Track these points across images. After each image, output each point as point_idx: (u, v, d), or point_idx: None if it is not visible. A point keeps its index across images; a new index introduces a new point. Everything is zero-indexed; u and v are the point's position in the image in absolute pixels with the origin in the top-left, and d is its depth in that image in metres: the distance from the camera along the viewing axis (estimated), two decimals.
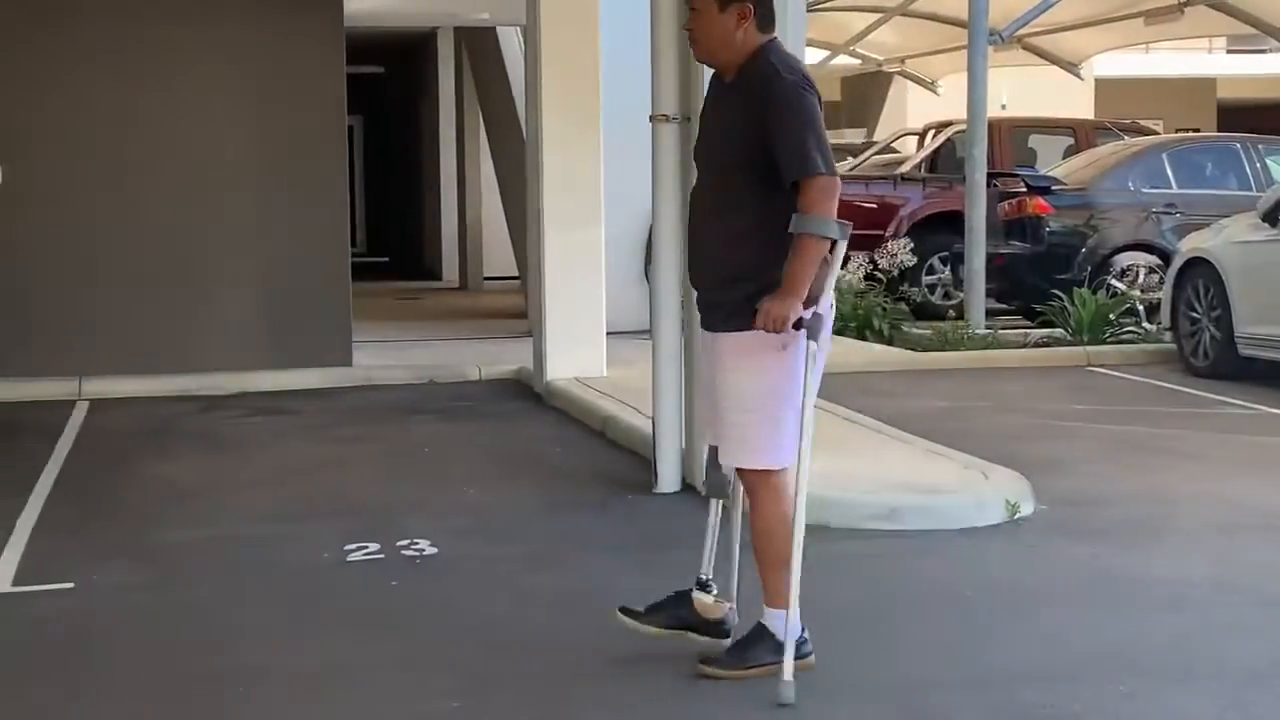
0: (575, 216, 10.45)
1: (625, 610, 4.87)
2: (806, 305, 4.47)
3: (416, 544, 6.50)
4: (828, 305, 4.61)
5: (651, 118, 7.46)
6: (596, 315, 10.62)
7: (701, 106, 4.94)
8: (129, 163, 11.13)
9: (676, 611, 4.88)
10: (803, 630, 4.76)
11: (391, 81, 23.28)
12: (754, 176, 4.53)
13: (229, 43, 11.30)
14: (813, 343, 4.52)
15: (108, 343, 10.98)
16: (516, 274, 15.38)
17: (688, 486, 7.46)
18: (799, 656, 4.66)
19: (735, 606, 4.93)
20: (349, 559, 6.31)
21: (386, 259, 23.01)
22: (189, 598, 5.84)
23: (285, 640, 5.27)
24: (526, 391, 10.82)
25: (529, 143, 11.08)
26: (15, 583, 6.05)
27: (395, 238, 23.50)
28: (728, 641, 4.85)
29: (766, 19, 4.66)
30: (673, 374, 7.52)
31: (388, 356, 11.88)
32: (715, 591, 4.91)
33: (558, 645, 5.16)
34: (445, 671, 4.91)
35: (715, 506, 4.94)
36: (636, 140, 10.10)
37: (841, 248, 4.54)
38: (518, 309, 14.60)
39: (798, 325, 4.47)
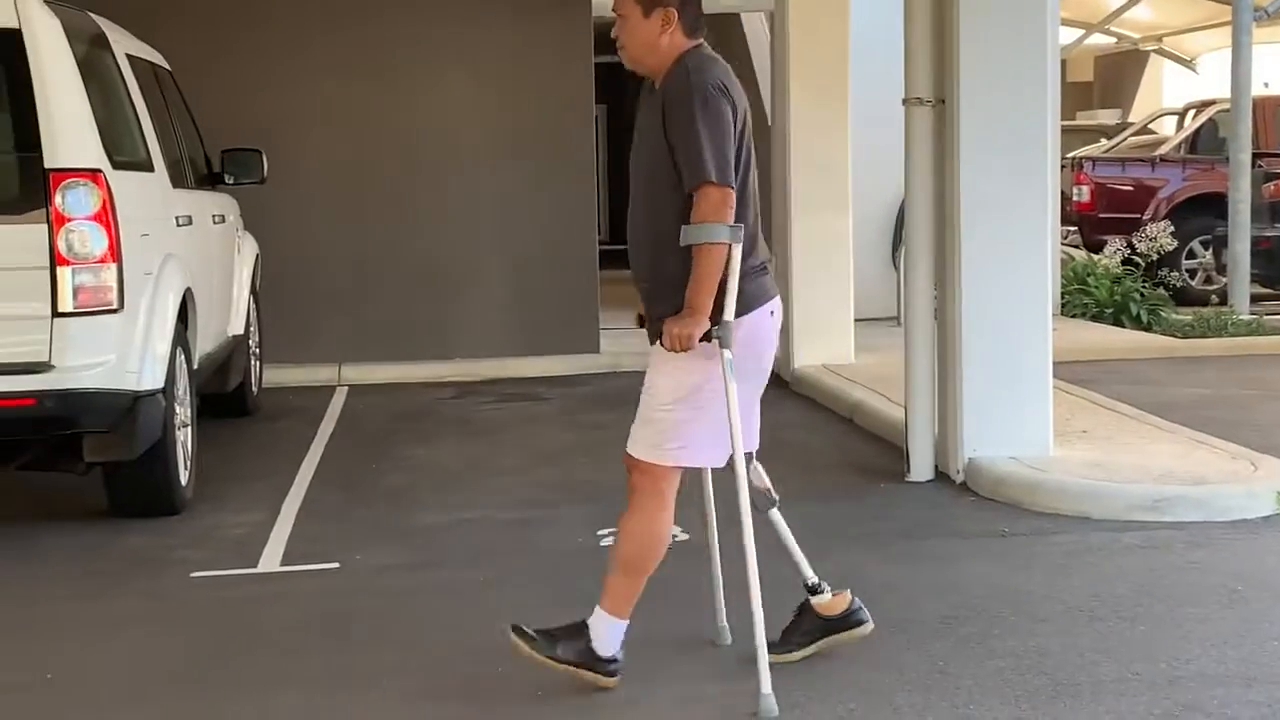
0: (823, 201, 10.37)
1: (773, 647, 4.63)
2: (715, 314, 4.36)
3: None
4: (766, 312, 4.50)
5: (905, 101, 7.35)
6: (844, 301, 10.53)
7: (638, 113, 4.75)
8: (384, 158, 11.42)
9: (805, 627, 4.83)
10: (618, 650, 4.61)
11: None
12: (676, 184, 4.41)
13: (482, 40, 11.51)
14: (727, 351, 4.37)
15: (364, 330, 11.30)
16: None
17: (941, 475, 7.35)
18: (596, 671, 4.57)
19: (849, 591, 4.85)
20: (602, 543, 6.36)
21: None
22: (448, 579, 5.96)
23: (543, 623, 5.31)
24: (773, 378, 10.73)
25: (775, 128, 11.03)
26: (284, 562, 6.26)
27: None
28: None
29: (693, 24, 4.53)
30: (926, 361, 7.41)
31: (634, 343, 11.87)
32: (827, 588, 4.81)
33: None
34: (705, 657, 4.91)
35: (777, 517, 4.83)
36: (884, 123, 10.00)
37: (737, 252, 4.36)
38: None
39: (707, 338, 4.36)
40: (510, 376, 11.07)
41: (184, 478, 7.07)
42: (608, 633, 4.60)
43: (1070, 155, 16.79)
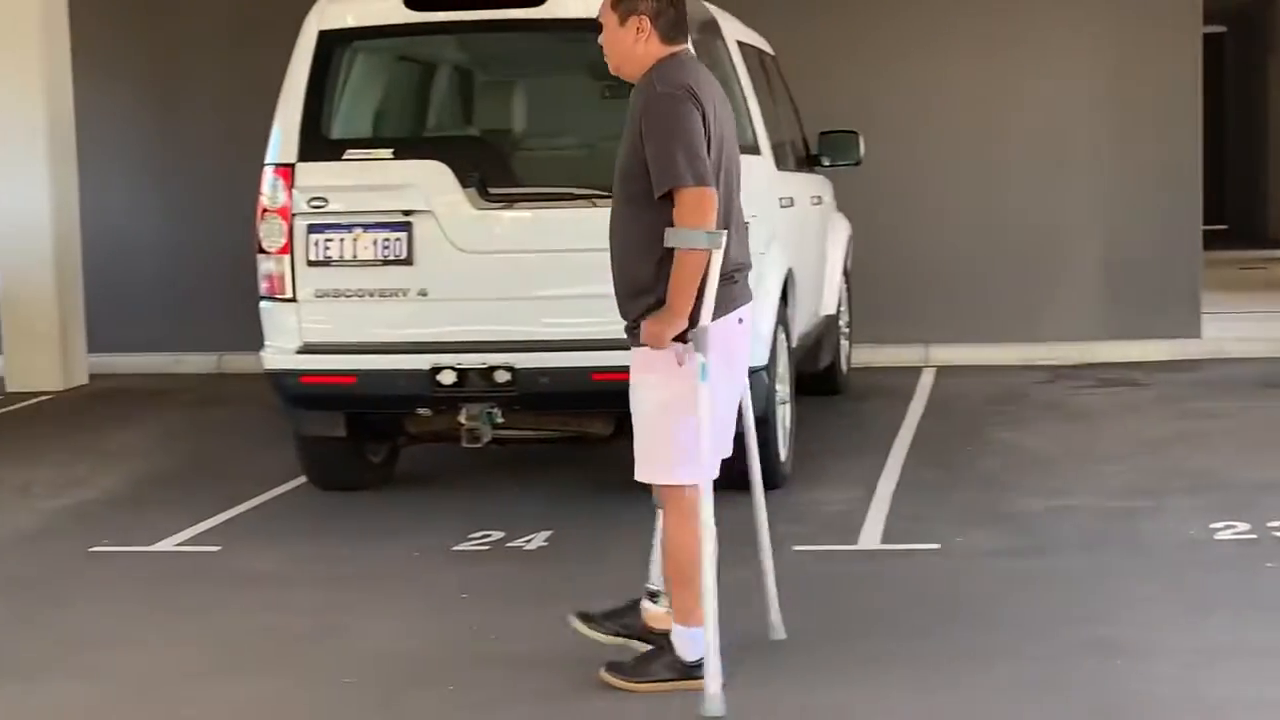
0: None
1: (581, 615, 4.78)
2: (693, 319, 4.38)
3: None
4: (734, 319, 4.51)
5: None
6: None
7: None
8: (976, 138, 11.27)
9: (624, 620, 4.76)
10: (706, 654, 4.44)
11: (1233, 39, 22.19)
12: (646, 190, 4.42)
13: (1085, 18, 11.18)
14: (700, 355, 4.36)
15: (953, 310, 11.20)
16: None
17: None
18: (691, 677, 4.47)
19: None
20: (1216, 537, 6.07)
21: (1224, 226, 21.98)
22: (1056, 566, 5.81)
23: (1159, 617, 5.11)
24: None
25: None
26: (883, 540, 6.28)
27: (1233, 203, 22.40)
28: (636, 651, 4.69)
29: (672, 31, 4.53)
30: None
31: (1239, 328, 11.28)
32: (666, 605, 4.66)
33: None
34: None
35: (660, 517, 4.71)
36: None
37: (717, 257, 4.36)
38: None
39: (682, 339, 4.38)
40: (1103, 361, 10.70)
41: (783, 453, 7.20)
42: (683, 644, 4.57)
43: None
